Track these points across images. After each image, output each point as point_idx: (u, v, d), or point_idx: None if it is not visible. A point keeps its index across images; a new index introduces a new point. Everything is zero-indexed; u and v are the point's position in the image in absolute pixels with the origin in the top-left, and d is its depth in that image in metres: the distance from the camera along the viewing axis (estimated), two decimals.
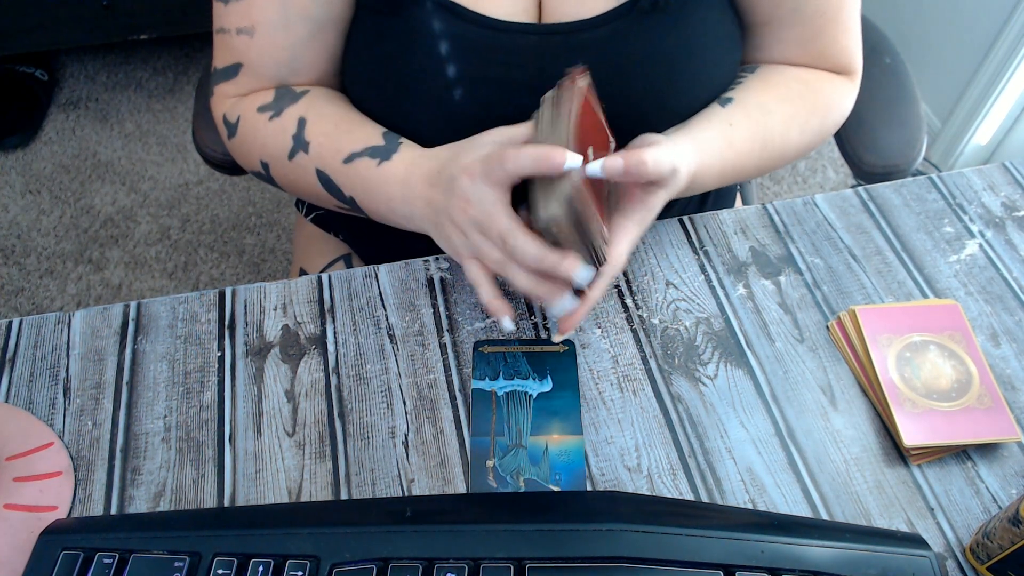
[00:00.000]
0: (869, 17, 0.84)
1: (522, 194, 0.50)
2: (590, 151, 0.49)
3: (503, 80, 0.58)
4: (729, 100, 0.61)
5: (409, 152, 0.57)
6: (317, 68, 0.64)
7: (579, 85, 0.50)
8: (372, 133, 0.59)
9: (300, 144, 0.60)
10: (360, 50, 0.62)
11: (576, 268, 0.48)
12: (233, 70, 0.63)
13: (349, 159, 0.58)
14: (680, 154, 0.52)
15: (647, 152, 0.49)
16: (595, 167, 0.47)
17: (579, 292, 0.51)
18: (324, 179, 0.59)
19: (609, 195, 0.54)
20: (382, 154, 0.57)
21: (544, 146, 0.46)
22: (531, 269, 0.49)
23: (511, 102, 0.59)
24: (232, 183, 1.72)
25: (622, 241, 0.52)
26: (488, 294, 0.52)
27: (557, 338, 0.55)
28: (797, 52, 0.64)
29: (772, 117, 0.61)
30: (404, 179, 0.55)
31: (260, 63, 0.62)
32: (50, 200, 1.69)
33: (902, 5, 1.66)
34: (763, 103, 0.61)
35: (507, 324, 0.52)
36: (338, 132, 0.59)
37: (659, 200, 0.52)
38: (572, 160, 0.45)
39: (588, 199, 0.47)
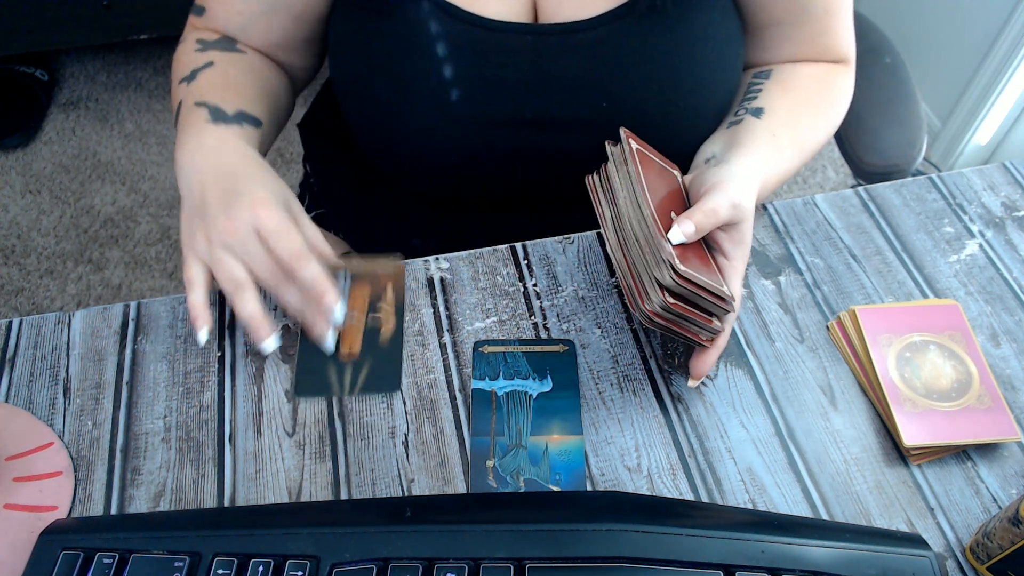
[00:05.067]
0: (869, 17, 0.84)
1: None
2: (672, 213, 0.51)
3: (499, 80, 0.58)
4: (761, 110, 0.61)
5: (240, 142, 0.57)
6: (265, 40, 0.66)
7: (631, 147, 0.51)
8: (237, 101, 0.60)
9: (192, 77, 0.62)
10: (353, 51, 0.62)
11: (334, 307, 0.53)
12: (201, 8, 0.67)
13: (199, 104, 0.59)
14: (739, 184, 0.52)
15: (708, 203, 0.49)
16: (677, 236, 0.48)
17: (711, 336, 0.52)
18: (176, 110, 0.61)
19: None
20: (221, 118, 0.58)
21: (318, 287, 0.52)
22: (304, 290, 0.52)
23: (507, 102, 0.59)
24: None
25: (732, 280, 0.52)
26: (200, 298, 0.52)
27: (692, 383, 0.54)
28: (805, 49, 0.64)
29: (802, 119, 0.62)
30: (205, 149, 0.56)
31: (217, 16, 0.65)
32: (50, 200, 1.69)
33: (902, 5, 1.66)
34: (791, 108, 0.62)
35: (202, 336, 0.53)
36: (217, 84, 0.61)
37: (748, 232, 0.52)
38: (675, 237, 0.47)
39: (691, 275, 0.47)
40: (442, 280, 0.62)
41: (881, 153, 0.76)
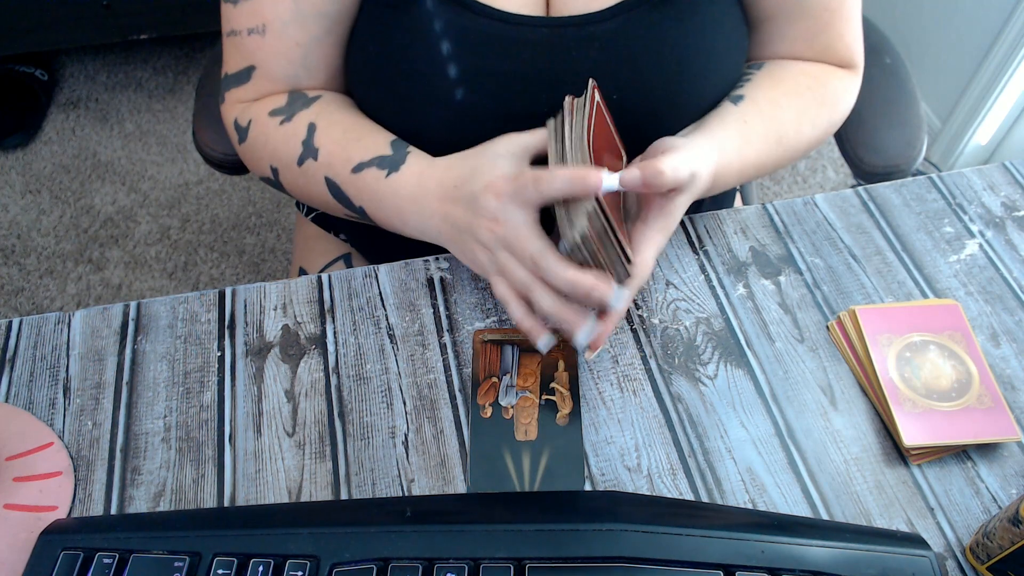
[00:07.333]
0: (869, 17, 0.84)
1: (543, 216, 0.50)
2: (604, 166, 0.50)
3: (511, 74, 0.58)
4: (740, 98, 0.61)
5: (418, 164, 0.56)
6: (330, 65, 0.63)
7: (593, 98, 0.50)
8: (381, 141, 0.58)
9: (309, 150, 0.59)
10: (363, 47, 0.61)
11: (609, 293, 0.47)
12: (246, 74, 0.62)
13: (358, 168, 0.57)
14: (698, 157, 0.51)
15: (664, 161, 0.48)
16: (612, 181, 0.46)
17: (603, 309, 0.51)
18: (333, 188, 0.59)
19: (626, 205, 0.54)
20: (390, 165, 0.57)
21: (577, 169, 0.46)
22: (560, 292, 0.49)
23: (520, 96, 0.59)
24: (232, 183, 1.72)
25: (646, 250, 0.51)
26: (519, 312, 0.51)
27: (589, 356, 0.54)
28: (802, 47, 0.64)
29: (784, 112, 0.61)
30: (414, 195, 0.55)
31: (273, 63, 0.61)
32: (50, 200, 1.69)
33: (902, 5, 1.66)
34: (774, 98, 0.61)
35: (542, 343, 0.51)
36: (347, 139, 0.59)
37: (680, 205, 0.52)
38: (608, 181, 0.45)
39: (609, 214, 0.46)
40: (442, 280, 0.62)
41: (881, 153, 0.76)
